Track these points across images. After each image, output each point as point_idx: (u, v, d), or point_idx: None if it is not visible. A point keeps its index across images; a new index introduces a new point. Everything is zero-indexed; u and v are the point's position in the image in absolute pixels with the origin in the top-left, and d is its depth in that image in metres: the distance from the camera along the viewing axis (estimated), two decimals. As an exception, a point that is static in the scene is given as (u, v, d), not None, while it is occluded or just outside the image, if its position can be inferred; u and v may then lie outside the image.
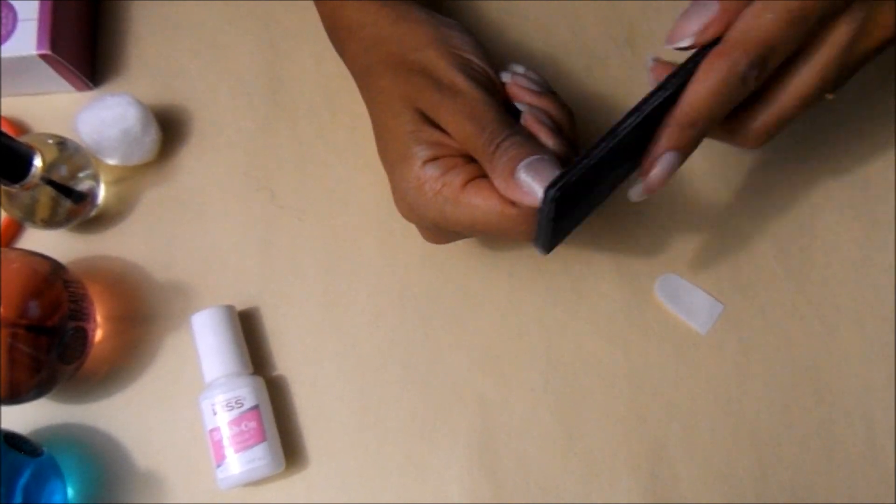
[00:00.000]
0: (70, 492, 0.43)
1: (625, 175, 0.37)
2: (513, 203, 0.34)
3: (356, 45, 0.40)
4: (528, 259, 0.47)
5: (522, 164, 0.33)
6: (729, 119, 0.35)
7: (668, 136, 0.33)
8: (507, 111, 0.37)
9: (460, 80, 0.36)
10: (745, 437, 0.44)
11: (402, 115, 0.37)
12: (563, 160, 0.35)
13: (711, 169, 0.48)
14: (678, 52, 0.34)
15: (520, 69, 0.40)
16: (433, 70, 0.37)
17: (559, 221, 0.33)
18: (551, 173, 0.33)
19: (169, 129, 0.48)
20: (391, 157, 0.38)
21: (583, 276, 0.47)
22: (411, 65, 0.37)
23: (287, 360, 0.45)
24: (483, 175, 0.36)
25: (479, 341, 0.46)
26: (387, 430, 0.44)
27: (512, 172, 0.33)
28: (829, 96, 0.36)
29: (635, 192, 0.36)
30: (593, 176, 0.33)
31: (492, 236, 0.38)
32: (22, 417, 0.44)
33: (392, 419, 0.44)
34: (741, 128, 0.36)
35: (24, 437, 0.41)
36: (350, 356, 0.45)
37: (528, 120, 0.37)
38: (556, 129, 0.37)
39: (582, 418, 0.44)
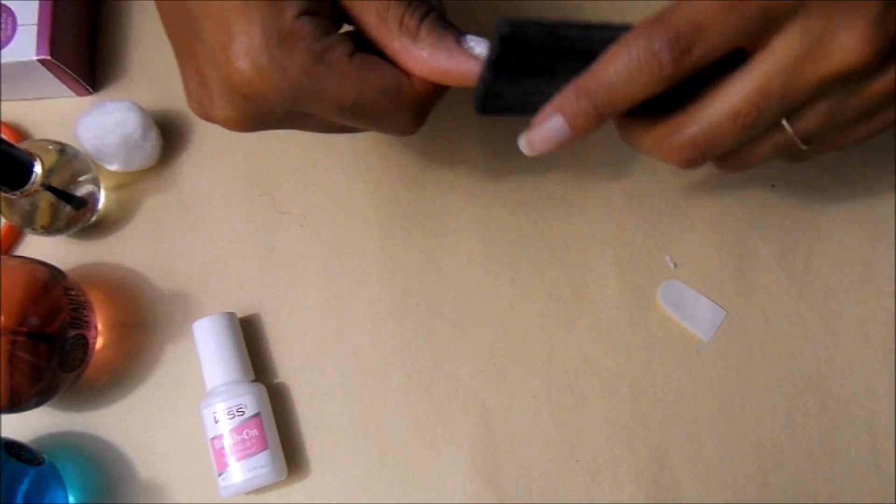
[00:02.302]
0: (71, 500, 0.43)
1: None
2: (411, 80, 0.31)
3: None
4: (531, 266, 0.47)
5: (467, 36, 0.31)
6: (656, 125, 0.31)
7: (562, 97, 0.30)
8: None
9: None
10: (748, 444, 0.44)
11: None
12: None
13: (714, 175, 0.48)
14: None
15: None
16: None
17: (500, 79, 0.30)
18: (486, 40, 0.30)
19: (169, 134, 0.48)
20: (240, 7, 0.28)
21: (585, 283, 0.46)
22: None
23: (288, 367, 0.45)
24: (366, 45, 0.31)
25: (481, 348, 0.45)
26: (389, 437, 0.44)
27: (458, 42, 0.30)
28: (803, 146, 0.32)
29: (521, 141, 0.32)
30: (544, 52, 0.29)
31: (361, 122, 0.31)
32: (23, 426, 0.44)
33: (394, 426, 0.44)
34: (667, 138, 0.31)
35: (25, 445, 0.41)
36: (351, 363, 0.45)
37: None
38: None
39: (584, 425, 0.44)
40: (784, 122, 0.31)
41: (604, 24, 0.29)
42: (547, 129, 0.30)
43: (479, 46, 0.31)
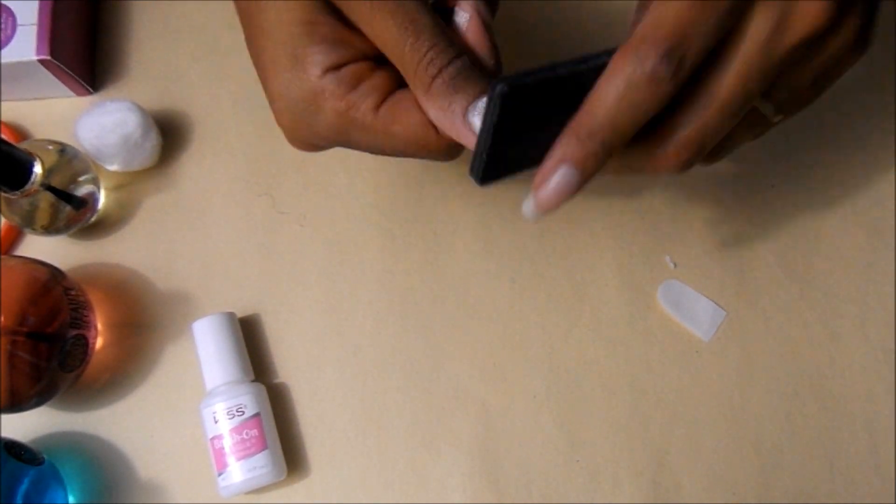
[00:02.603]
0: (71, 499, 0.43)
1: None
2: (436, 130, 0.29)
3: None
4: (531, 265, 0.47)
5: (478, 105, 0.28)
6: (644, 137, 0.30)
7: (565, 146, 0.28)
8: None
9: None
10: (748, 445, 0.44)
11: None
12: None
13: (713, 175, 0.48)
14: None
15: None
16: None
17: (500, 143, 0.28)
18: None
19: (169, 134, 0.48)
20: (272, 58, 0.29)
21: (585, 283, 0.46)
22: None
23: (288, 367, 0.45)
24: (396, 86, 0.30)
25: (481, 348, 0.45)
26: (388, 437, 0.44)
27: (462, 112, 0.28)
28: (775, 118, 0.32)
29: (527, 209, 0.30)
30: (540, 102, 0.28)
31: (398, 157, 0.32)
32: (23, 425, 0.44)
33: (394, 426, 0.44)
34: (658, 147, 0.30)
35: (25, 445, 0.41)
36: (351, 363, 0.45)
37: (473, 26, 0.30)
38: (496, 46, 0.31)
39: (584, 425, 0.44)
40: (758, 100, 0.31)
41: (587, 56, 0.28)
42: (556, 183, 0.28)
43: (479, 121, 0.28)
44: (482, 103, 0.28)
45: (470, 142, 0.28)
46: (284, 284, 0.46)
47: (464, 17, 0.30)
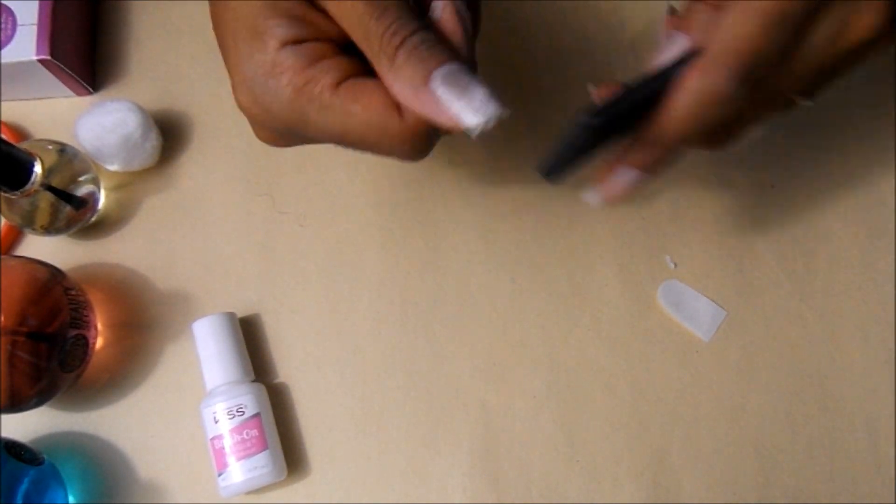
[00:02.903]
0: (71, 500, 0.43)
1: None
2: (400, 113, 0.28)
3: None
4: (531, 265, 0.47)
5: (439, 71, 0.27)
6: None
7: (637, 151, 0.30)
8: None
9: None
10: (748, 445, 0.44)
11: None
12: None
13: (714, 175, 0.48)
14: None
15: None
16: None
17: (577, 150, 0.31)
18: (475, 90, 0.27)
19: (169, 134, 0.48)
20: (232, 32, 0.29)
21: (585, 283, 0.46)
22: None
23: (288, 367, 0.45)
24: (359, 73, 0.29)
25: (481, 348, 0.45)
26: (389, 437, 0.44)
27: (425, 80, 0.27)
28: (808, 103, 0.33)
29: (592, 197, 0.32)
30: (618, 120, 0.30)
31: (360, 150, 0.30)
32: (23, 425, 0.44)
33: (394, 426, 0.44)
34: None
35: (25, 445, 0.41)
36: (352, 363, 0.45)
37: (447, 14, 0.29)
38: (470, 34, 0.30)
39: (584, 425, 0.44)
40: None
41: (657, 74, 0.30)
42: (624, 182, 0.31)
43: (444, 90, 0.28)
44: (446, 69, 0.28)
45: (433, 112, 0.28)
46: (284, 284, 0.46)
47: (438, 7, 0.30)
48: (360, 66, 0.29)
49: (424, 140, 0.29)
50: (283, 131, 0.31)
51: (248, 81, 0.29)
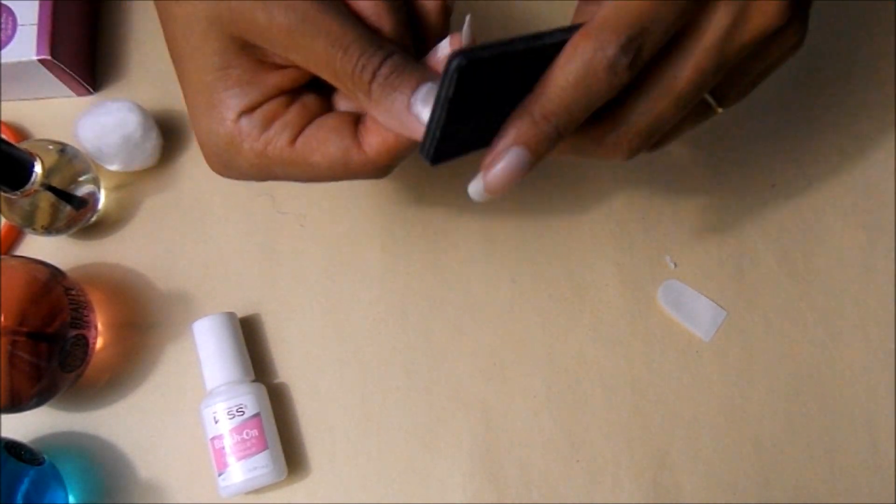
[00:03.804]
0: (71, 500, 0.43)
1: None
2: (359, 146, 0.30)
3: None
4: (531, 266, 0.47)
5: (417, 95, 0.28)
6: (592, 123, 0.30)
7: (518, 127, 0.28)
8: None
9: None
10: (748, 445, 0.44)
11: (206, 45, 0.29)
12: None
13: (714, 174, 0.48)
14: None
15: None
16: None
17: (453, 121, 0.27)
18: None
19: (170, 134, 0.48)
20: (193, 105, 0.31)
21: (585, 283, 0.46)
22: None
23: (289, 367, 0.45)
24: (316, 110, 0.31)
25: (482, 348, 0.45)
26: (389, 437, 0.44)
27: (406, 107, 0.28)
28: (718, 109, 0.33)
29: (474, 190, 0.29)
30: (495, 78, 0.27)
31: (329, 181, 0.32)
32: (23, 426, 0.44)
33: (394, 426, 0.44)
34: (609, 133, 0.30)
35: (25, 445, 0.41)
36: (352, 363, 0.45)
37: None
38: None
39: (584, 425, 0.44)
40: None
41: (543, 33, 0.27)
42: (507, 167, 0.28)
43: (426, 110, 0.28)
44: (424, 91, 0.28)
45: (420, 133, 0.28)
46: (284, 284, 0.46)
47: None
48: (313, 107, 0.31)
49: (387, 163, 0.31)
50: (258, 180, 0.33)
51: (215, 151, 0.31)
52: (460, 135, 0.28)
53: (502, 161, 0.28)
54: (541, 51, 0.27)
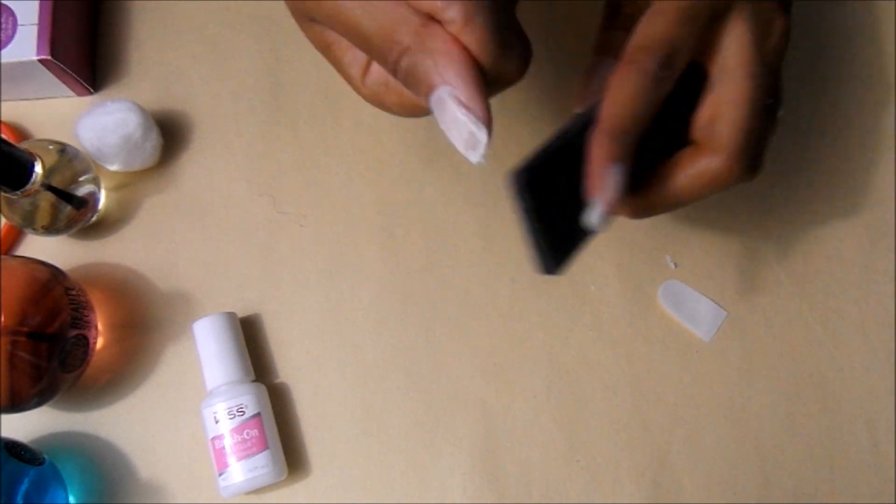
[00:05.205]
0: (71, 500, 0.43)
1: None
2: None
3: None
4: (531, 266, 0.47)
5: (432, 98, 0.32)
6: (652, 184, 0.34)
7: (602, 147, 0.31)
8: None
9: None
10: (749, 445, 0.44)
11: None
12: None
13: (714, 175, 0.48)
14: None
15: None
16: None
17: (547, 223, 0.31)
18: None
19: (170, 134, 0.48)
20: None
21: (585, 283, 0.46)
22: None
23: (289, 367, 0.45)
24: None
25: (482, 348, 0.45)
26: (389, 437, 0.44)
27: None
28: (779, 112, 0.35)
29: (595, 216, 0.32)
30: (560, 172, 0.31)
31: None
32: (23, 425, 0.44)
33: (394, 426, 0.44)
34: (716, 158, 0.34)
35: (25, 445, 0.41)
36: (352, 363, 0.45)
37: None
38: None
39: (585, 425, 0.44)
40: None
41: (566, 124, 0.32)
42: (613, 181, 0.31)
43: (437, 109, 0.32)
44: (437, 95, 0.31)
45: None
46: (284, 284, 0.46)
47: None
48: None
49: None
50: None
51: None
52: (562, 232, 0.32)
53: (608, 181, 0.31)
54: (576, 136, 0.32)
